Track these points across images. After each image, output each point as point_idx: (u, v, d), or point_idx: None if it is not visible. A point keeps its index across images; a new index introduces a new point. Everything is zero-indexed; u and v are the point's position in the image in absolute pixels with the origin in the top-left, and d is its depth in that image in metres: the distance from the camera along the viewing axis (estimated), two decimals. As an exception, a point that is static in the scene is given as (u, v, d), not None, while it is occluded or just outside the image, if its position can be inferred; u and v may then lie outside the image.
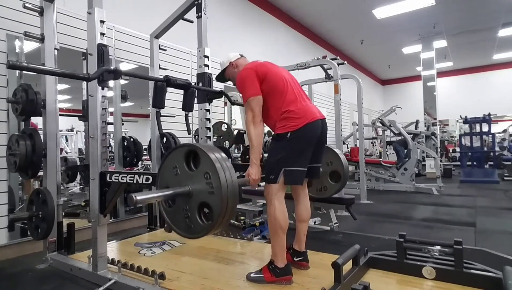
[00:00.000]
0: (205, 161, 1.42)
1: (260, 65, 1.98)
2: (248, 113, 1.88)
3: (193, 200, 1.46)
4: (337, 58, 4.49)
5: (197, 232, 1.47)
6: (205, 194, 1.42)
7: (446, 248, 1.83)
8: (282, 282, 1.85)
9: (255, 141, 1.83)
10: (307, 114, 1.88)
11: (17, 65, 1.64)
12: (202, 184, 1.43)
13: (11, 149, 2.41)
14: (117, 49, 3.64)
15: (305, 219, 2.08)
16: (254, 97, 1.87)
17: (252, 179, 1.83)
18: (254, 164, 1.84)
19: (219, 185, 1.37)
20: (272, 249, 1.88)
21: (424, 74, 9.97)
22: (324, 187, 2.67)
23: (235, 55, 2.18)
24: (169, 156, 1.58)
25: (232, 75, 2.18)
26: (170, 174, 1.55)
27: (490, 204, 4.71)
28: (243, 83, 1.91)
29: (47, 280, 2.21)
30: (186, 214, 1.49)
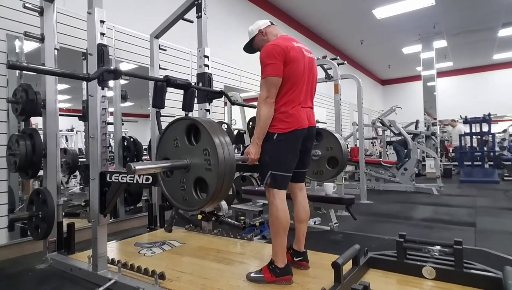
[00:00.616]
0: (205, 138, 1.45)
1: (293, 48, 1.85)
2: (262, 91, 1.81)
3: (190, 174, 1.50)
4: (337, 58, 4.49)
5: (191, 205, 1.52)
6: (202, 169, 1.45)
7: (446, 248, 1.83)
8: (282, 282, 1.84)
9: (263, 122, 1.80)
10: (297, 121, 1.85)
11: (17, 65, 1.64)
12: (201, 160, 1.46)
13: (11, 149, 2.41)
14: (117, 49, 3.64)
15: (303, 219, 2.08)
16: (274, 77, 1.79)
17: (250, 158, 1.84)
18: (255, 144, 1.83)
19: (216, 163, 1.39)
20: (273, 249, 1.88)
21: (424, 74, 9.97)
22: (321, 171, 2.68)
23: (265, 22, 2.07)
24: (171, 127, 1.60)
25: (262, 43, 2.05)
26: (170, 145, 1.58)
27: (490, 204, 4.71)
28: (268, 57, 1.81)
29: (47, 280, 2.21)
30: (183, 186, 1.53)
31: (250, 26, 2.13)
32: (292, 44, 1.88)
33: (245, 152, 1.88)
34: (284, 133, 1.82)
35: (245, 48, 2.22)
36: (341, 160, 2.56)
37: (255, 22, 2.12)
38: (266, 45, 1.88)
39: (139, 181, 1.86)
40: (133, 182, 1.89)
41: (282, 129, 1.82)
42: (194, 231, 3.08)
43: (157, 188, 3.25)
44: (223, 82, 4.97)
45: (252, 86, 5.66)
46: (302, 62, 1.89)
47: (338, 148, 2.55)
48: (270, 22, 2.10)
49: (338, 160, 2.57)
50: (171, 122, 1.61)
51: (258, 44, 2.11)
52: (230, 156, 1.43)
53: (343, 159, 2.54)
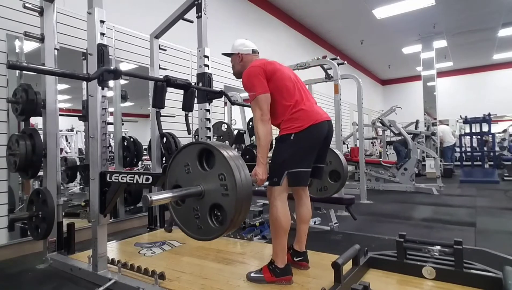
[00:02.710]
0: (220, 162, 1.37)
1: (268, 63, 1.96)
2: (256, 111, 1.85)
3: (205, 200, 1.42)
4: (337, 58, 4.49)
5: (207, 233, 1.42)
6: (218, 195, 1.37)
7: (446, 248, 1.83)
8: (282, 282, 1.85)
9: (263, 141, 1.81)
10: (311, 116, 1.87)
11: (17, 65, 1.64)
12: (216, 185, 1.38)
13: (11, 149, 2.41)
14: (117, 49, 3.64)
15: (306, 220, 2.08)
16: (263, 94, 1.85)
17: (259, 179, 1.82)
18: (261, 164, 1.82)
19: (234, 187, 1.32)
20: (273, 249, 1.88)
21: (424, 74, 9.96)
22: (324, 187, 2.68)
23: (248, 49, 2.11)
24: (181, 153, 1.52)
25: (234, 64, 2.14)
26: (181, 171, 1.50)
27: (490, 204, 4.71)
28: (251, 81, 1.88)
29: (47, 280, 2.21)
30: (197, 214, 1.44)
31: (237, 41, 2.16)
32: (266, 60, 1.97)
33: (252, 174, 1.83)
34: (300, 132, 1.83)
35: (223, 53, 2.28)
36: (342, 172, 2.57)
37: (241, 41, 2.14)
38: (246, 71, 1.95)
39: (139, 181, 1.86)
40: (133, 182, 1.89)
41: (298, 128, 1.83)
42: (194, 231, 3.08)
43: (157, 188, 3.25)
44: (223, 82, 4.96)
45: (252, 86, 5.65)
46: (282, 69, 1.97)
47: (338, 161, 2.57)
48: (252, 50, 2.13)
49: (340, 172, 2.58)
50: (182, 147, 1.52)
51: (232, 61, 2.17)
52: (247, 180, 1.37)
53: (344, 171, 2.56)
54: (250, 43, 2.15)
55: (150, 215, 3.29)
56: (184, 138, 3.90)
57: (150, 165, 3.51)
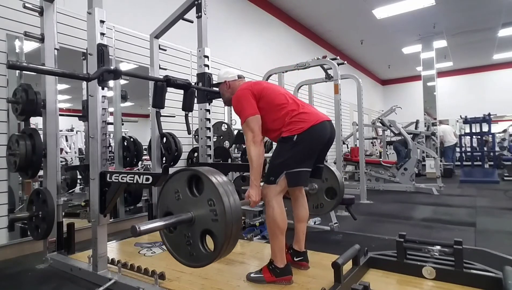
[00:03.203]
0: (208, 187, 1.38)
1: (255, 84, 1.99)
2: (247, 133, 1.87)
3: (196, 227, 1.42)
4: (337, 58, 4.49)
5: (199, 260, 1.42)
6: (208, 221, 1.38)
7: (446, 248, 1.83)
8: (282, 282, 1.85)
9: (255, 162, 1.82)
10: (312, 117, 1.88)
11: (17, 65, 1.64)
12: (206, 211, 1.38)
13: (11, 149, 2.41)
14: (117, 49, 3.64)
15: (303, 219, 2.09)
16: (253, 116, 1.87)
17: (252, 201, 1.83)
18: (254, 186, 1.84)
19: (223, 213, 1.32)
20: (272, 250, 1.88)
21: (424, 74, 9.96)
22: (321, 204, 2.70)
23: (233, 76, 2.16)
24: (170, 179, 1.52)
25: (223, 93, 2.18)
26: (172, 198, 1.50)
27: (490, 204, 4.71)
28: (240, 104, 1.91)
29: (47, 280, 2.21)
30: (188, 241, 1.44)
31: (221, 70, 2.21)
32: (252, 82, 2.04)
33: (245, 196, 1.86)
34: (303, 133, 1.83)
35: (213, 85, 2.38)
36: (338, 189, 2.58)
37: (225, 70, 2.19)
38: (235, 95, 1.99)
39: (139, 181, 1.86)
40: (133, 182, 1.89)
41: (300, 129, 1.84)
42: (194, 231, 3.08)
43: (157, 188, 3.26)
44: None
45: (252, 86, 5.65)
46: (270, 86, 2.02)
47: (334, 178, 2.58)
48: (238, 76, 2.17)
49: (336, 190, 2.59)
50: (171, 175, 1.53)
51: (221, 90, 2.21)
52: (236, 204, 1.37)
53: (341, 189, 2.57)
54: (234, 70, 2.22)
55: (150, 215, 3.29)
56: (184, 138, 3.91)
57: (150, 165, 3.51)
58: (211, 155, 2.67)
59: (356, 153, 6.64)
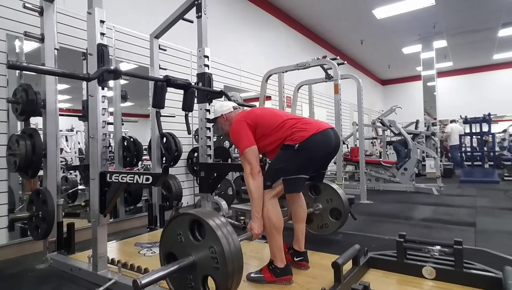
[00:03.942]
0: (210, 234, 1.39)
1: (248, 113, 2.00)
2: (245, 166, 1.87)
3: (198, 271, 1.43)
4: (337, 58, 4.49)
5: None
6: (209, 268, 1.40)
7: (446, 248, 1.83)
8: (282, 282, 1.85)
9: (255, 194, 1.82)
10: (312, 126, 1.89)
11: (17, 65, 1.64)
12: (207, 257, 1.40)
13: (11, 149, 2.41)
14: (117, 49, 3.64)
15: (301, 219, 2.10)
16: (249, 148, 1.87)
17: (254, 233, 1.84)
18: (256, 218, 1.84)
19: (224, 261, 1.34)
20: (270, 250, 1.89)
21: (424, 74, 9.96)
22: (325, 224, 2.71)
23: (228, 108, 2.18)
24: (173, 222, 1.54)
25: (222, 126, 2.21)
26: (174, 239, 1.52)
27: (490, 204, 4.71)
28: (236, 136, 1.93)
29: (47, 280, 2.21)
30: (190, 284, 1.45)
31: (216, 105, 2.25)
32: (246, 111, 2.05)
33: (248, 229, 1.87)
34: (304, 141, 1.83)
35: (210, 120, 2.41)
36: (343, 210, 2.57)
37: (220, 104, 2.22)
38: (231, 127, 2.00)
39: (139, 181, 1.86)
40: (133, 182, 1.89)
41: (301, 138, 1.84)
42: (194, 231, 3.08)
43: (157, 188, 3.26)
44: (223, 82, 4.97)
45: (252, 86, 5.66)
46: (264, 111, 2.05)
47: (338, 199, 2.58)
48: (233, 107, 2.19)
49: (340, 210, 2.58)
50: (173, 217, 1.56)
51: (219, 124, 2.24)
52: (236, 250, 1.40)
53: (346, 210, 2.56)
54: (228, 102, 2.24)
55: (150, 215, 3.29)
56: (184, 138, 3.91)
57: (150, 165, 3.51)
58: (211, 155, 2.67)
59: (356, 153, 6.64)
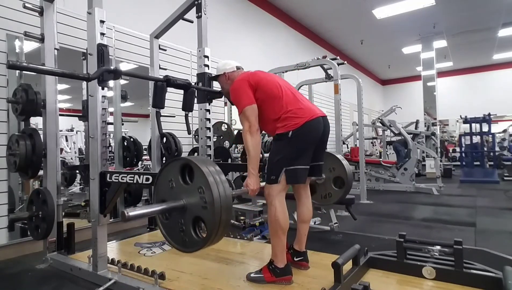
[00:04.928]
0: (199, 176, 1.43)
1: (252, 74, 1.98)
2: (244, 123, 1.86)
3: (188, 214, 1.47)
4: (337, 58, 4.49)
5: (191, 246, 1.49)
6: (198, 208, 1.43)
7: (446, 248, 1.83)
8: (282, 282, 1.85)
9: (252, 151, 1.82)
10: (306, 113, 1.87)
11: (17, 65, 1.64)
12: (196, 198, 1.43)
13: (11, 149, 2.41)
14: (117, 49, 3.64)
15: (306, 219, 2.08)
16: (249, 106, 1.86)
17: (250, 189, 1.83)
18: (252, 175, 1.84)
19: (212, 200, 1.37)
20: (272, 250, 1.88)
21: (424, 74, 9.97)
22: (329, 193, 2.68)
23: (232, 67, 2.15)
24: (164, 169, 1.57)
25: (223, 85, 2.18)
26: (166, 187, 1.55)
27: (490, 204, 4.71)
28: (237, 94, 1.91)
29: (47, 280, 2.21)
30: (181, 227, 1.49)
31: (220, 63, 2.21)
32: (250, 72, 2.01)
33: (244, 185, 1.87)
34: (297, 129, 1.83)
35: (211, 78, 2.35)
36: (346, 179, 2.56)
37: (224, 62, 2.19)
38: (232, 86, 1.98)
39: (139, 181, 1.86)
40: (133, 182, 1.89)
41: (295, 125, 1.83)
42: (194, 231, 3.08)
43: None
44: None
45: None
46: (267, 76, 1.99)
47: (341, 167, 2.56)
48: (236, 66, 2.17)
49: (343, 178, 2.58)
50: (165, 164, 1.59)
51: (220, 83, 2.21)
52: (225, 192, 1.42)
53: (349, 178, 2.55)
54: (232, 61, 2.20)
55: (150, 215, 3.29)
56: (184, 138, 3.91)
57: (150, 165, 3.51)
58: (211, 155, 2.67)
59: (356, 153, 6.64)
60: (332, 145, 7.68)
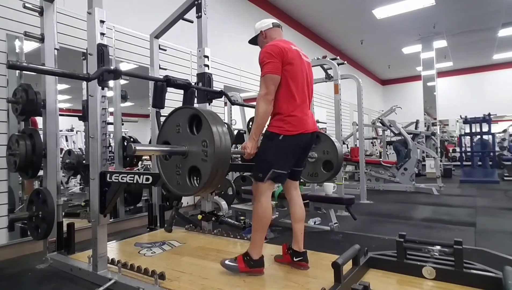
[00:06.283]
0: (206, 130, 1.51)
1: (290, 50, 1.92)
2: (262, 88, 1.85)
3: (187, 161, 1.57)
4: (337, 58, 4.49)
5: (184, 190, 1.61)
6: (198, 159, 1.52)
7: (446, 248, 1.83)
8: (255, 273, 1.93)
9: (261, 118, 1.85)
10: (302, 124, 1.92)
11: (17, 65, 1.64)
12: (198, 150, 1.53)
13: (11, 149, 2.41)
14: (117, 49, 3.64)
15: (300, 218, 2.11)
16: (273, 74, 1.84)
17: (247, 152, 1.90)
18: (252, 139, 1.90)
19: (212, 155, 1.46)
20: (252, 242, 1.95)
21: (424, 74, 9.97)
22: (316, 173, 2.73)
23: (268, 24, 2.11)
24: (175, 113, 1.66)
25: (261, 45, 2.12)
26: (172, 130, 1.65)
27: (490, 204, 4.71)
28: (266, 57, 1.87)
29: (47, 280, 2.21)
30: (178, 171, 1.60)
31: (257, 23, 2.17)
32: (290, 47, 1.95)
33: (242, 146, 1.94)
34: (290, 136, 1.87)
35: (250, 40, 2.25)
36: (336, 164, 2.61)
37: (260, 21, 2.16)
38: (265, 46, 1.96)
39: (139, 181, 1.86)
40: (133, 182, 1.89)
41: (289, 131, 1.87)
42: (194, 231, 3.08)
43: (157, 188, 3.26)
44: (223, 82, 4.97)
45: (252, 86, 5.66)
46: (300, 64, 1.96)
47: (334, 153, 2.60)
48: (273, 24, 2.12)
49: (333, 164, 2.62)
50: (176, 109, 1.67)
51: (259, 43, 2.18)
52: (226, 148, 1.50)
53: (338, 164, 2.60)
54: (267, 19, 2.16)
55: (150, 215, 3.29)
56: (184, 138, 3.90)
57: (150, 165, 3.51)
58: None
59: (356, 153, 6.63)
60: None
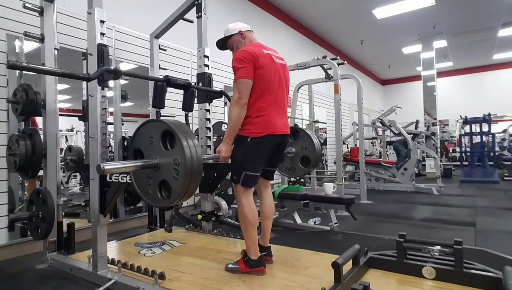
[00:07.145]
0: (179, 149, 1.51)
1: (262, 55, 1.97)
2: (235, 93, 1.91)
3: (158, 174, 1.60)
4: (337, 58, 4.49)
5: (153, 201, 1.66)
6: (169, 175, 1.55)
7: (446, 248, 1.83)
8: (256, 273, 1.96)
9: (234, 122, 1.90)
10: (270, 126, 1.94)
11: (17, 65, 1.64)
12: (170, 166, 1.54)
13: (11, 149, 2.41)
14: (117, 49, 3.64)
15: (269, 215, 2.19)
16: (246, 79, 1.90)
17: (221, 156, 1.95)
18: (226, 142, 1.94)
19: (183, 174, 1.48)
20: (246, 244, 2.01)
21: (424, 74, 9.96)
22: (293, 168, 2.81)
23: (246, 26, 2.17)
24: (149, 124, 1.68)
25: (237, 44, 2.16)
26: (145, 140, 1.66)
27: (490, 204, 4.71)
28: (239, 62, 1.92)
29: (47, 280, 2.21)
30: (148, 181, 1.65)
31: (230, 24, 2.21)
32: (262, 51, 2.00)
33: (216, 150, 1.97)
34: (257, 137, 1.92)
35: (217, 42, 2.30)
36: (313, 160, 2.66)
37: (236, 22, 2.21)
38: (237, 52, 2.01)
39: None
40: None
41: (255, 134, 1.92)
42: (194, 231, 3.08)
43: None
44: (223, 82, 4.97)
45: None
46: (272, 68, 2.00)
47: (312, 149, 2.66)
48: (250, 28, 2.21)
49: (311, 160, 2.65)
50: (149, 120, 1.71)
51: (233, 43, 2.20)
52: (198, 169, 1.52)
53: (316, 160, 2.68)
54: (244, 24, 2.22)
55: (150, 215, 3.29)
56: (184, 138, 3.90)
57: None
58: (211, 155, 2.68)
59: (356, 153, 6.64)
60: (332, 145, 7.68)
